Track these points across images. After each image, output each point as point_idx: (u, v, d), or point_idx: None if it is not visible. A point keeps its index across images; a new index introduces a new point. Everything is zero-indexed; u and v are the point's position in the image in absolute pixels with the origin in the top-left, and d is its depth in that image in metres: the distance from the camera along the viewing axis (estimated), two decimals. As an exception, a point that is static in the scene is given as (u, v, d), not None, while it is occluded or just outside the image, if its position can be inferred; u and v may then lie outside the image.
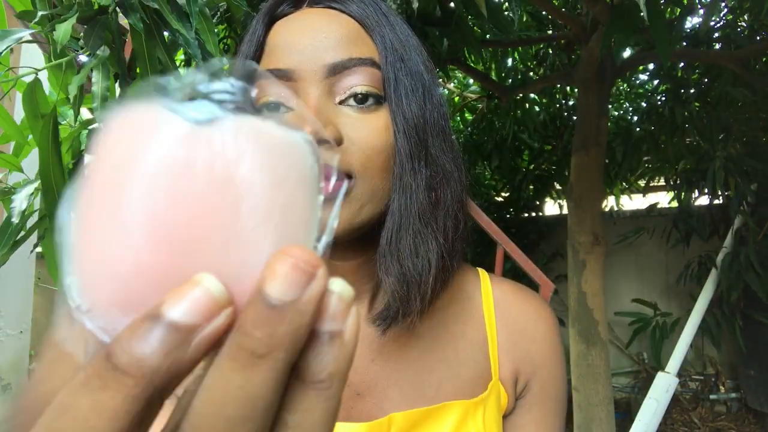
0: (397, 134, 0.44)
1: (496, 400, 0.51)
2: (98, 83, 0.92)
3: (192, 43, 0.94)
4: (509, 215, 4.52)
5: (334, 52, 0.44)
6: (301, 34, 0.44)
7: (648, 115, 3.67)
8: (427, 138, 0.45)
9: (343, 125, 0.43)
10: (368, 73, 0.44)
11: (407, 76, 0.45)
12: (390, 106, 0.44)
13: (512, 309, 0.55)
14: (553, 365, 0.56)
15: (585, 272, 2.72)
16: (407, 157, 0.44)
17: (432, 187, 0.45)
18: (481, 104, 4.14)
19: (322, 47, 0.44)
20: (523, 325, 0.55)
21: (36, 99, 0.93)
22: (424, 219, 0.45)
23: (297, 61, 0.43)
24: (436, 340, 0.51)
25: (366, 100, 0.44)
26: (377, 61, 0.45)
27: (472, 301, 0.54)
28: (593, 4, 2.19)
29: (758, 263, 3.19)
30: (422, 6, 1.51)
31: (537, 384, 0.55)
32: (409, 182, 0.44)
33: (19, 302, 3.59)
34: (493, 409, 0.50)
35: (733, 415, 4.01)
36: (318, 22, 0.45)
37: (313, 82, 0.43)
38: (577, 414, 2.72)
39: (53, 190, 0.93)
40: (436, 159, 0.46)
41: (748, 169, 3.23)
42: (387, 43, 0.45)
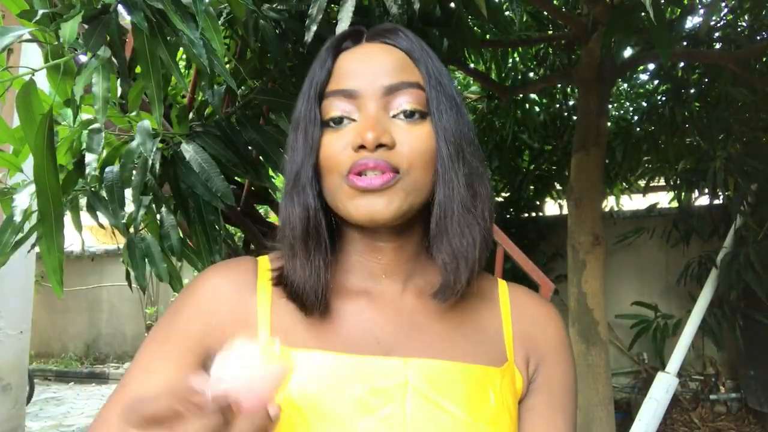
0: (439, 141, 0.55)
1: (511, 380, 0.58)
2: (99, 84, 0.91)
3: (197, 43, 0.93)
4: (509, 215, 4.52)
5: (389, 77, 0.56)
6: (364, 63, 0.57)
7: (648, 115, 3.67)
8: (462, 144, 0.57)
9: (395, 133, 0.54)
10: (415, 94, 0.56)
11: (444, 97, 0.57)
12: (432, 119, 0.56)
13: (525, 308, 0.63)
14: (560, 355, 0.63)
15: (585, 272, 2.72)
16: (448, 158, 0.55)
17: (470, 183, 0.56)
18: (482, 104, 4.14)
19: (380, 72, 0.56)
20: (534, 320, 0.63)
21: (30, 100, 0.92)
22: (465, 207, 0.55)
23: (360, 83, 0.55)
24: (459, 323, 0.59)
25: (413, 115, 0.55)
26: (422, 85, 0.57)
27: (491, 297, 0.63)
28: (593, 4, 2.19)
29: (758, 263, 3.19)
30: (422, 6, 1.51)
31: (545, 368, 0.61)
32: (451, 178, 0.55)
33: (19, 302, 3.58)
34: (508, 384, 0.57)
35: (733, 415, 4.01)
36: (376, 53, 0.58)
37: (373, 99, 0.55)
38: (577, 414, 2.73)
39: (47, 193, 0.92)
40: (470, 161, 0.57)
41: (748, 169, 3.23)
42: (429, 71, 0.57)
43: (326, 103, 0.56)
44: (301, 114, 0.58)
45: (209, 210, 1.26)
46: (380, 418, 0.51)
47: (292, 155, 0.58)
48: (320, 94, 0.57)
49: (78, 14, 0.86)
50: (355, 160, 0.53)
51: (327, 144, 0.55)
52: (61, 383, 6.43)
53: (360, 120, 0.54)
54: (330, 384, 0.52)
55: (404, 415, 0.52)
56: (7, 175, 1.26)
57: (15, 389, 3.52)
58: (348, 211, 0.54)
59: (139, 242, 1.28)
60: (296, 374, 0.52)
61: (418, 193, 0.55)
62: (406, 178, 0.54)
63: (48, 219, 0.93)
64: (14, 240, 1.09)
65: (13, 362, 3.53)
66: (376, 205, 0.52)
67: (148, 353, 0.56)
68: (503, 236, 1.82)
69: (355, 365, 0.53)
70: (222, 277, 0.59)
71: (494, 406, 0.54)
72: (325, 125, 0.56)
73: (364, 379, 0.53)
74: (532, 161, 4.41)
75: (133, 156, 1.13)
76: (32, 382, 4.62)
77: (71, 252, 6.41)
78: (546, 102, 4.07)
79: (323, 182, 0.56)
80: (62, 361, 7.03)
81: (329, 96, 0.56)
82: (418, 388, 0.53)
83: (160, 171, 1.22)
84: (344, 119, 0.55)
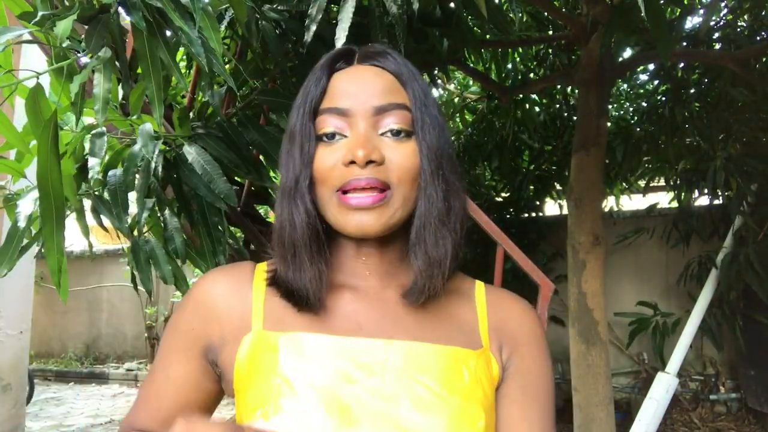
0: (422, 158, 0.60)
1: (486, 364, 0.62)
2: (100, 85, 0.91)
3: (195, 42, 0.93)
4: (509, 215, 4.52)
5: (378, 98, 0.61)
6: (356, 84, 0.62)
7: (648, 115, 3.67)
8: (442, 161, 0.62)
9: (384, 150, 0.59)
10: (402, 115, 0.61)
11: (428, 117, 0.62)
12: (417, 138, 0.61)
13: (500, 303, 0.68)
14: (534, 346, 0.66)
15: (585, 272, 2.72)
16: (430, 175, 0.60)
17: (447, 198, 0.61)
18: (481, 105, 4.15)
19: (371, 94, 0.61)
20: (509, 314, 0.67)
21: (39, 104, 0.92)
22: (441, 220, 0.60)
23: (352, 103, 0.60)
24: (437, 315, 0.64)
25: (400, 133, 0.61)
26: (409, 106, 0.62)
27: (468, 295, 0.68)
28: (593, 4, 2.19)
29: (758, 263, 3.19)
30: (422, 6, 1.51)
31: (519, 358, 0.65)
32: (432, 193, 0.60)
33: (19, 302, 3.59)
34: (483, 366, 0.61)
35: (733, 415, 4.01)
36: (367, 76, 0.63)
37: (363, 118, 0.60)
38: (577, 414, 2.73)
39: (50, 195, 0.91)
40: (448, 177, 0.62)
41: (748, 169, 3.23)
42: (416, 94, 0.62)
43: (320, 119, 0.61)
44: (297, 128, 0.62)
45: (212, 212, 1.26)
46: (362, 387, 0.56)
47: (289, 164, 0.62)
48: (314, 110, 0.62)
49: (74, 13, 0.86)
50: (347, 178, 0.58)
51: (320, 157, 0.60)
52: (61, 383, 6.43)
53: (351, 137, 0.59)
54: (316, 358, 0.57)
55: (384, 385, 0.57)
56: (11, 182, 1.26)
57: (15, 389, 3.52)
58: (339, 223, 0.59)
59: (144, 245, 1.28)
60: (284, 352, 0.58)
61: (405, 206, 0.60)
62: (395, 193, 0.59)
63: (50, 222, 0.93)
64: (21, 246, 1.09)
65: (13, 362, 3.53)
66: (366, 220, 0.58)
67: (163, 352, 0.66)
68: (503, 236, 1.81)
69: (339, 343, 0.58)
70: (219, 278, 0.66)
71: (468, 383, 0.59)
72: (319, 139, 0.61)
73: (347, 356, 0.58)
74: (532, 161, 4.40)
75: (135, 159, 1.14)
76: (32, 382, 4.62)
77: (71, 252, 6.42)
78: (546, 102, 4.07)
79: (317, 193, 0.61)
80: (62, 361, 7.03)
81: (323, 113, 0.61)
82: (396, 366, 0.58)
83: (163, 173, 1.22)
84: (336, 135, 0.60)
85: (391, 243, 0.64)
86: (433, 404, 0.56)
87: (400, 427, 0.55)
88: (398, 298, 0.63)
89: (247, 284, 0.65)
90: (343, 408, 0.55)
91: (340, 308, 0.62)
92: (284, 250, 0.61)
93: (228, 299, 0.64)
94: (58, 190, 0.91)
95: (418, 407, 0.56)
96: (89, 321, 7.21)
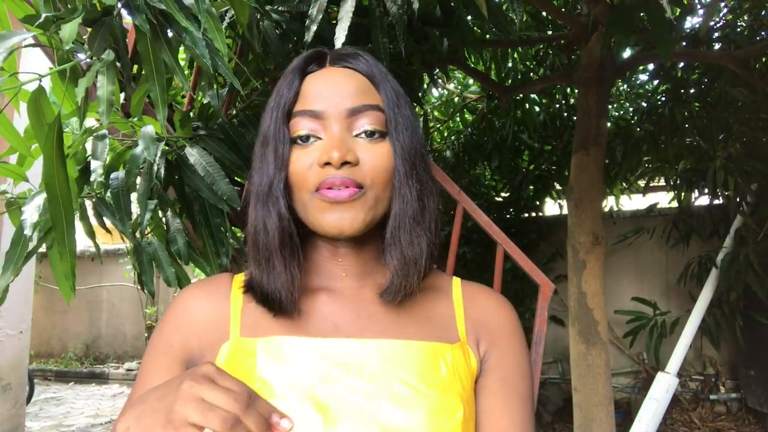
0: (396, 158, 0.61)
1: (464, 357, 0.63)
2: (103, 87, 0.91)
3: (200, 43, 0.94)
4: (509, 215, 4.52)
5: (352, 100, 0.61)
6: (329, 86, 0.62)
7: (648, 115, 3.67)
8: (416, 161, 0.62)
9: (358, 151, 0.60)
10: (376, 116, 0.61)
11: (402, 117, 0.63)
12: (391, 138, 0.62)
13: (478, 299, 0.69)
14: (511, 338, 0.67)
15: (585, 272, 2.72)
16: (404, 175, 0.61)
17: (420, 197, 0.62)
18: (481, 104, 4.15)
19: (344, 95, 0.61)
20: (485, 308, 0.68)
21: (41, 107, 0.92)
22: (416, 220, 0.61)
23: (326, 105, 0.61)
24: (413, 312, 0.65)
25: (374, 134, 0.61)
26: (382, 107, 0.62)
27: (444, 292, 0.69)
28: (593, 4, 2.19)
29: (758, 263, 3.19)
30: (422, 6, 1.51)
31: (497, 350, 0.66)
32: (406, 193, 0.61)
33: (19, 302, 3.58)
34: (460, 359, 0.62)
35: (733, 415, 4.01)
36: (339, 78, 0.63)
37: (337, 120, 0.60)
38: (577, 414, 2.73)
39: (58, 199, 0.91)
40: (422, 177, 0.63)
41: (748, 169, 3.23)
42: (388, 94, 0.63)
43: (294, 122, 0.61)
44: (270, 131, 0.62)
45: (215, 213, 1.26)
46: (341, 386, 0.57)
47: (262, 167, 0.62)
48: (288, 113, 0.62)
49: (79, 16, 0.86)
50: (323, 177, 0.58)
51: (295, 160, 0.60)
52: (61, 383, 6.43)
53: (326, 139, 0.60)
54: (294, 360, 0.58)
55: (362, 384, 0.57)
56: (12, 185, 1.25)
57: (15, 389, 3.52)
58: (318, 223, 0.59)
59: (146, 246, 1.28)
60: (262, 356, 0.58)
61: (380, 206, 0.61)
62: (369, 192, 0.60)
63: (60, 225, 0.92)
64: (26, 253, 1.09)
65: (13, 362, 3.53)
66: (344, 219, 0.58)
67: (145, 369, 0.65)
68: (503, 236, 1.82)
69: (316, 345, 0.59)
70: (196, 292, 0.67)
71: (445, 376, 0.59)
72: (293, 142, 0.61)
73: (324, 356, 0.59)
74: (532, 161, 4.40)
75: (138, 162, 1.14)
76: (32, 382, 4.62)
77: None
78: (546, 102, 4.07)
79: (293, 197, 0.61)
80: (62, 361, 7.03)
81: (297, 115, 0.61)
82: (373, 364, 0.59)
83: (165, 174, 1.22)
84: (311, 137, 0.61)
85: (367, 243, 0.65)
86: (412, 399, 0.57)
87: (379, 423, 0.55)
88: (375, 297, 0.64)
89: (224, 295, 0.65)
90: (322, 407, 0.55)
91: (316, 310, 0.63)
92: (258, 254, 0.61)
93: (205, 311, 0.64)
94: (65, 193, 0.91)
95: (396, 403, 0.56)
96: (89, 321, 7.21)
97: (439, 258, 0.68)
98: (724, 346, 4.05)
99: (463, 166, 4.26)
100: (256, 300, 0.62)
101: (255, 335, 0.60)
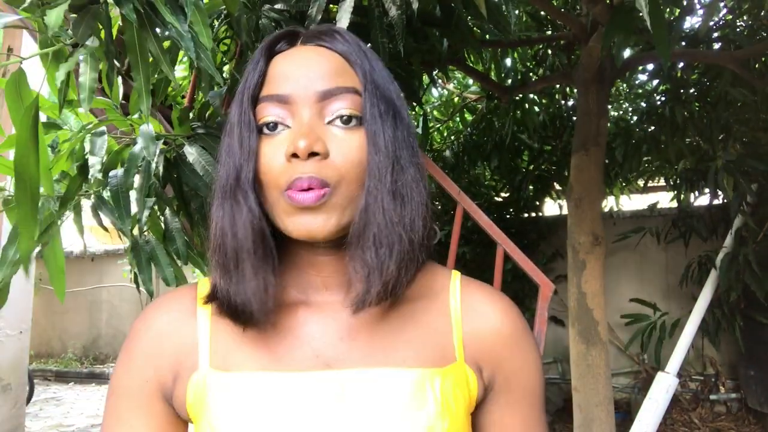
0: (369, 148, 0.53)
1: (460, 379, 0.56)
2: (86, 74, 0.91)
3: (185, 37, 0.93)
4: (509, 215, 4.52)
5: (323, 82, 0.53)
6: (297, 67, 0.54)
7: (648, 115, 3.67)
8: (396, 151, 0.54)
9: (330, 141, 0.52)
10: (351, 99, 0.54)
11: (381, 101, 0.55)
12: (367, 125, 0.53)
13: (478, 306, 0.60)
14: (519, 358, 0.60)
15: (585, 272, 2.72)
16: (376, 166, 0.53)
17: (399, 192, 0.54)
18: (481, 104, 4.14)
19: (314, 77, 0.54)
20: (487, 320, 0.60)
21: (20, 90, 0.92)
22: (387, 216, 0.52)
23: (293, 88, 0.54)
24: (402, 328, 0.57)
25: (350, 121, 0.53)
26: (359, 89, 0.54)
27: (440, 296, 0.60)
28: (593, 4, 2.19)
29: (757, 263, 3.19)
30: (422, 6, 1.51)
31: (501, 375, 0.59)
32: (376, 187, 0.52)
33: (19, 302, 3.58)
34: (452, 384, 0.55)
35: (733, 415, 4.01)
36: (311, 57, 0.55)
37: (307, 105, 0.53)
38: (577, 414, 2.72)
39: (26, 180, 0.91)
40: (404, 168, 0.55)
41: (748, 169, 3.22)
42: (366, 75, 0.55)
43: (260, 108, 0.54)
44: (235, 119, 0.55)
45: (213, 212, 1.26)
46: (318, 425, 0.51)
47: (227, 160, 0.54)
48: (254, 98, 0.55)
49: (65, 2, 0.85)
50: (292, 175, 0.51)
51: (264, 153, 0.53)
52: (61, 383, 6.43)
53: (294, 127, 0.53)
54: (268, 400, 0.52)
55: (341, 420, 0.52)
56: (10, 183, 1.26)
57: (15, 389, 3.52)
58: (287, 227, 0.52)
59: (144, 245, 1.28)
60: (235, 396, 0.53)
61: (354, 204, 0.53)
62: (337, 192, 0.52)
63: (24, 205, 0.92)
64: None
65: (13, 362, 3.53)
66: (313, 222, 0.51)
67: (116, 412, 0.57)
68: (503, 236, 1.82)
69: (293, 381, 0.53)
70: (159, 316, 0.59)
71: (433, 406, 0.53)
72: (260, 131, 0.54)
73: (301, 393, 0.53)
74: (531, 161, 4.40)
75: (136, 160, 1.14)
76: (32, 382, 4.62)
77: (71, 252, 6.41)
78: (545, 102, 4.07)
79: (263, 193, 0.53)
80: (62, 361, 7.03)
81: (263, 101, 0.54)
82: (354, 398, 0.52)
83: (163, 173, 1.22)
84: (279, 125, 0.54)
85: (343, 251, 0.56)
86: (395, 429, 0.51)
87: None
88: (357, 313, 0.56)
89: (190, 314, 0.58)
90: None
91: (293, 331, 0.56)
92: (225, 259, 0.53)
93: (174, 339, 0.57)
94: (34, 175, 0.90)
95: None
96: (89, 321, 7.21)
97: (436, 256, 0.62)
98: (724, 346, 4.05)
99: (463, 167, 4.26)
100: (222, 312, 0.54)
101: (226, 367, 0.54)
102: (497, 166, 4.13)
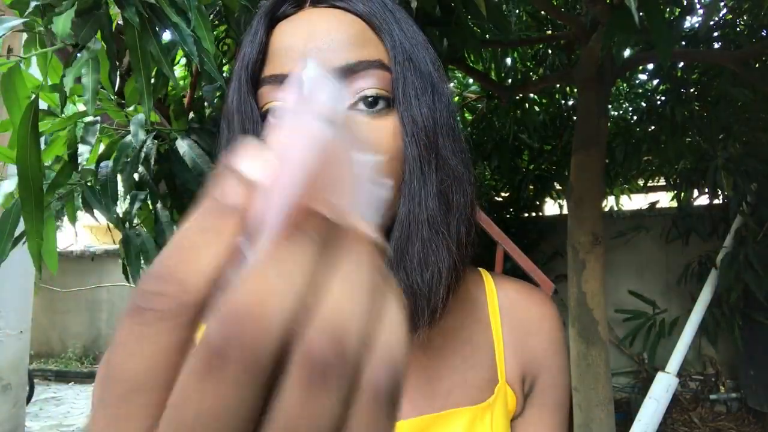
0: (406, 138, 0.43)
1: (504, 403, 0.51)
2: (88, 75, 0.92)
3: (188, 40, 0.94)
4: (509, 215, 4.52)
5: (341, 55, 0.42)
6: (306, 37, 0.43)
7: (648, 115, 3.67)
8: (437, 140, 0.44)
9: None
10: (377, 76, 0.43)
11: (416, 76, 0.44)
12: (398, 108, 0.43)
13: (517, 310, 0.55)
14: (556, 367, 0.56)
15: (585, 272, 2.72)
16: (416, 161, 0.42)
17: (443, 192, 0.44)
18: (481, 104, 4.14)
19: (328, 50, 0.42)
20: (528, 325, 0.55)
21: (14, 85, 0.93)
22: (434, 227, 0.43)
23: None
24: (442, 347, 0.50)
25: (376, 103, 0.42)
26: (386, 63, 0.43)
27: (478, 304, 0.54)
28: (593, 4, 2.19)
29: (758, 263, 3.19)
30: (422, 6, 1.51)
31: (539, 386, 0.55)
32: (418, 188, 0.43)
33: (19, 302, 3.58)
34: (500, 413, 0.50)
35: (733, 415, 4.01)
36: (323, 24, 0.43)
37: None
38: (577, 414, 2.72)
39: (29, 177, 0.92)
40: (447, 161, 0.44)
41: (748, 169, 3.22)
42: (395, 43, 0.44)
43: (262, 92, 0.44)
44: (233, 105, 0.45)
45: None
46: None
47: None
48: (254, 80, 0.44)
49: (71, 8, 0.86)
50: None
51: None
52: (61, 383, 6.43)
53: None
54: None
55: None
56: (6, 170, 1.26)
57: (15, 389, 3.52)
58: None
59: (135, 238, 1.28)
60: None
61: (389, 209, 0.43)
62: None
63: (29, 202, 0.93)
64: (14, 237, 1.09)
65: (13, 362, 3.53)
66: None
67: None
68: (503, 236, 1.81)
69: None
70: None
71: None
72: (265, 118, 0.44)
73: None
74: (531, 161, 4.40)
75: (127, 149, 1.14)
76: (32, 382, 4.62)
77: (71, 252, 6.41)
78: (546, 102, 4.07)
79: None
80: (62, 361, 7.03)
81: (265, 83, 0.44)
82: None
83: (156, 167, 1.22)
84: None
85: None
86: None
87: None
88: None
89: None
90: None
91: None
92: None
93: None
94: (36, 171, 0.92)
95: None
96: (89, 321, 7.21)
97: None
98: (724, 346, 4.05)
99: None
100: None
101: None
102: (497, 166, 4.13)
